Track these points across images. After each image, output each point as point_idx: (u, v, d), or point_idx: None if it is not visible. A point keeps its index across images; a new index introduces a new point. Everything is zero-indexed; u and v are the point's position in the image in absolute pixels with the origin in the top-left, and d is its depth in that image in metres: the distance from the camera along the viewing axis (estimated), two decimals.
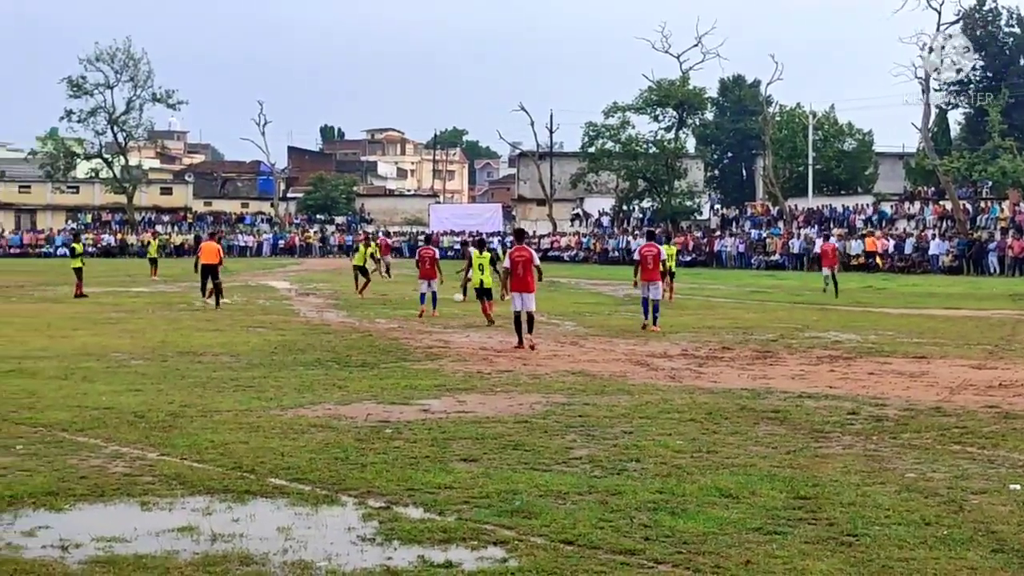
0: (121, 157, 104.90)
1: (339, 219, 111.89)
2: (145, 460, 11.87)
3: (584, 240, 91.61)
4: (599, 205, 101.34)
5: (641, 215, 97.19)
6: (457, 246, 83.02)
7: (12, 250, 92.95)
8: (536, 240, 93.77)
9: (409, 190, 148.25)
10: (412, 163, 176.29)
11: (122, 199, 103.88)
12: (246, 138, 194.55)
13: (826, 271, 44.22)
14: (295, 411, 15.10)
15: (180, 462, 11.75)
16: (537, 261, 24.29)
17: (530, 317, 23.69)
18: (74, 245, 44.61)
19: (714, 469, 11.45)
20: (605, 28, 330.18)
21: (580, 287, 50.94)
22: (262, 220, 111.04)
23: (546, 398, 16.37)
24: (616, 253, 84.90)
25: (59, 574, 8.09)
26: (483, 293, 29.92)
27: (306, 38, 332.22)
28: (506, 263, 25.10)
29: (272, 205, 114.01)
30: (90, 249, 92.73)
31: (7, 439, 12.96)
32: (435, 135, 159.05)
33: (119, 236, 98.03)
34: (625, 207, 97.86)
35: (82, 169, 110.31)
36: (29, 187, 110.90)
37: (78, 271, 40.94)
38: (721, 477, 11.04)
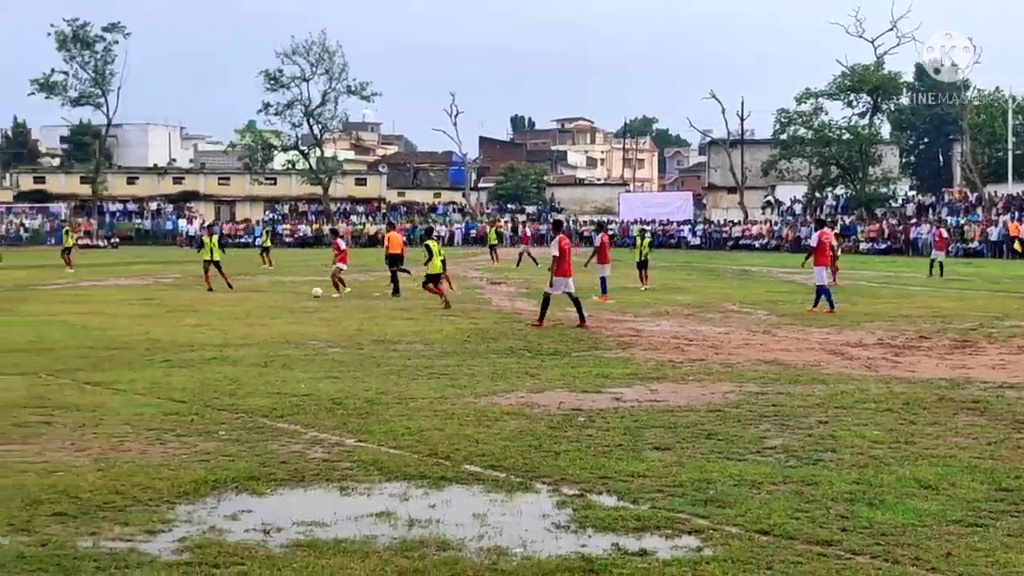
0: (317, 149, 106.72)
1: (530, 208, 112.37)
2: (343, 446, 12.10)
3: (776, 228, 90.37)
4: (791, 193, 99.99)
5: (834, 202, 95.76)
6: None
7: None
8: (728, 228, 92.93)
9: (599, 179, 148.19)
10: (602, 152, 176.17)
11: (318, 190, 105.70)
12: (438, 129, 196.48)
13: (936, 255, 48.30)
14: (488, 399, 15.23)
15: (377, 448, 11.95)
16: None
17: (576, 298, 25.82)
18: (203, 238, 42.42)
19: (912, 460, 11.25)
20: (797, 13, 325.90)
21: (772, 275, 50.33)
22: (454, 210, 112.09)
23: (739, 387, 16.24)
24: (810, 241, 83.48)
25: (261, 557, 8.28)
26: (433, 279, 31.87)
27: (496, 28, 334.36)
28: (555, 251, 25.92)
29: (463, 195, 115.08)
30: (287, 239, 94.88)
31: (210, 425, 13.32)
32: (625, 124, 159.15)
33: (315, 227, 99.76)
34: (818, 194, 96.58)
35: (279, 161, 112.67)
36: (228, 179, 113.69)
37: (207, 264, 39.24)
38: (920, 468, 10.84)
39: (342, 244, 38.81)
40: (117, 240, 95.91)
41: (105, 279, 42.88)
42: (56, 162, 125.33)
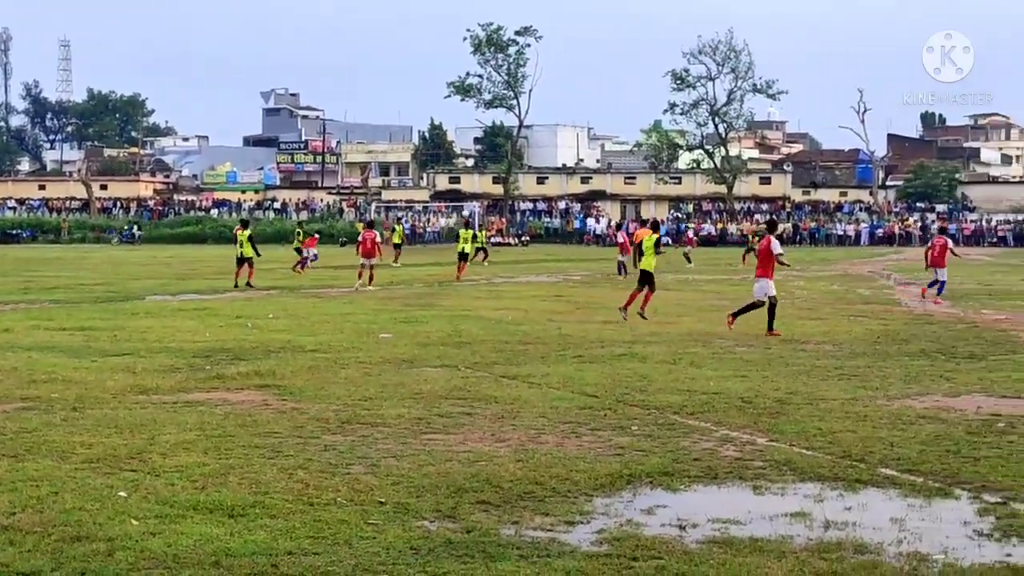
0: (722, 148, 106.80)
1: (940, 207, 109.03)
2: (755, 445, 12.11)
3: None
4: None
5: None
6: None
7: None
8: None
9: (1015, 177, 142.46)
10: (1018, 148, 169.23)
11: (722, 189, 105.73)
12: (844, 126, 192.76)
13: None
14: (902, 401, 14.93)
15: (789, 448, 11.90)
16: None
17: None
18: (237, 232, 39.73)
19: None
20: None
21: None
22: (860, 209, 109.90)
23: None
24: None
25: (678, 552, 8.40)
26: (646, 278, 26.66)
27: (907, 24, 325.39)
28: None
29: (871, 193, 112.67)
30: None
31: (623, 420, 13.54)
32: None
33: (719, 225, 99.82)
34: None
35: (684, 160, 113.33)
36: (634, 178, 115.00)
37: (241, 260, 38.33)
38: None
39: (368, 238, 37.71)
40: (528, 238, 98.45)
41: (517, 276, 44.08)
42: (470, 162, 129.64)
